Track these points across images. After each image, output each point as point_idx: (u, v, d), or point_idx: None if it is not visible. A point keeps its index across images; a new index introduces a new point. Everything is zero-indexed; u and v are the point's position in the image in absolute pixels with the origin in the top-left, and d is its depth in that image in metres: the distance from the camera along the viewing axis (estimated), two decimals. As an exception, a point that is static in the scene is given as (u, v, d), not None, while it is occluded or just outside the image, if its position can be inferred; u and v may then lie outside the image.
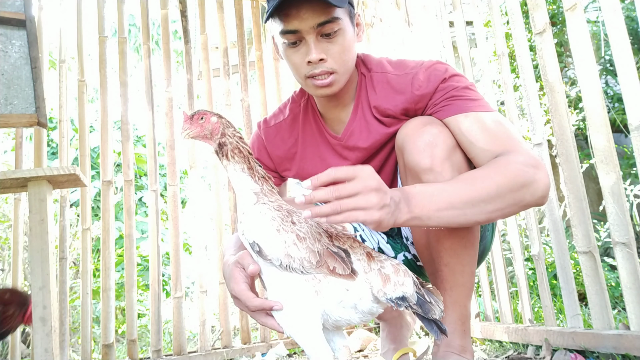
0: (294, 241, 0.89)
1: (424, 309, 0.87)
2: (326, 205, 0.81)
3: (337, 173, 0.82)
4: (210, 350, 2.08)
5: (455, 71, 1.17)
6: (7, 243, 3.15)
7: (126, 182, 2.20)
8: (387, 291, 0.88)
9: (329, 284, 0.88)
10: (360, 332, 2.08)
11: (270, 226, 0.91)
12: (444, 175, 1.04)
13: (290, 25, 1.11)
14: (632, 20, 3.15)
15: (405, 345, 1.49)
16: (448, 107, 1.11)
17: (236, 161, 0.98)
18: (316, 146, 1.31)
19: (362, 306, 0.90)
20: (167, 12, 2.38)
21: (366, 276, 0.89)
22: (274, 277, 0.93)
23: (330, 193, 0.81)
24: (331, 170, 0.82)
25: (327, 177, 0.82)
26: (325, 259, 0.88)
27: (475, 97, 1.12)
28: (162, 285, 2.52)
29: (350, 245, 0.92)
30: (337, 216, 0.81)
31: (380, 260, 0.91)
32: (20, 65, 1.53)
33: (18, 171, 1.36)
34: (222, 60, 2.42)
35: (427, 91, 1.14)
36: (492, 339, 1.82)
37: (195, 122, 1.00)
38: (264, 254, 0.91)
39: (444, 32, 2.18)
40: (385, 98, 1.20)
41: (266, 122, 1.39)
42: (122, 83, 2.26)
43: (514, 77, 3.00)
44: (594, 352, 1.35)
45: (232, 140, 0.99)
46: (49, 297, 1.31)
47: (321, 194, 0.81)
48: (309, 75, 1.15)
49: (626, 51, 1.27)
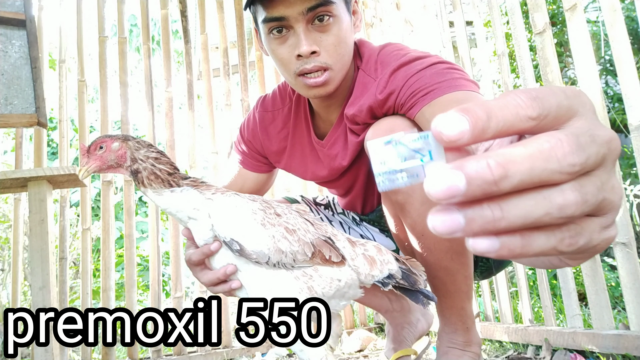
0: (283, 234, 0.82)
1: (409, 281, 0.87)
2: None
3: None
4: (210, 351, 2.08)
5: (421, 54, 1.02)
6: (7, 243, 3.15)
7: (126, 182, 2.20)
8: (375, 273, 0.86)
9: (320, 278, 0.84)
10: (360, 332, 2.08)
11: (253, 220, 0.82)
12: (415, 196, 0.94)
13: (275, 11, 0.96)
14: (632, 20, 3.15)
15: (406, 345, 1.49)
16: (414, 104, 0.97)
17: (154, 187, 0.86)
18: (302, 146, 1.23)
19: (349, 294, 0.88)
20: (167, 12, 2.38)
21: (353, 262, 0.86)
22: (257, 276, 0.84)
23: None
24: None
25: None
26: (319, 248, 0.83)
27: (439, 79, 0.94)
28: (162, 285, 2.52)
29: (332, 233, 0.88)
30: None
31: (362, 243, 0.89)
32: (20, 65, 1.53)
33: (18, 171, 1.36)
34: (222, 60, 2.41)
35: (392, 89, 1.00)
36: (492, 339, 1.82)
37: (92, 154, 0.87)
38: (246, 252, 0.81)
39: (444, 32, 2.17)
40: (352, 103, 1.07)
41: (264, 105, 1.26)
42: (122, 83, 2.26)
43: (514, 77, 3.00)
44: (594, 352, 1.35)
45: (146, 164, 0.85)
46: (49, 297, 1.31)
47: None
48: (300, 72, 1.00)
49: (626, 51, 1.27)
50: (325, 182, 1.30)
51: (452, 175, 0.27)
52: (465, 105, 0.29)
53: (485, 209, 0.28)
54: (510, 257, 0.30)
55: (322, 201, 1.45)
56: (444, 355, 1.10)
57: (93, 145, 0.87)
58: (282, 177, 2.35)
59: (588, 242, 0.30)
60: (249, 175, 1.33)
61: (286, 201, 1.43)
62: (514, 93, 0.30)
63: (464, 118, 0.28)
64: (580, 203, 0.28)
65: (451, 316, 1.09)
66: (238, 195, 0.87)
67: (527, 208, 0.28)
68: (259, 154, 1.30)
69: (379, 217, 1.31)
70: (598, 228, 0.31)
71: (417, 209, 0.95)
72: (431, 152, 0.30)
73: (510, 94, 0.30)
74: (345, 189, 1.29)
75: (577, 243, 0.30)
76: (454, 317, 1.09)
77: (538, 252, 0.29)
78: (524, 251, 0.29)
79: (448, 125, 0.28)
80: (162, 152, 0.89)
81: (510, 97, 0.30)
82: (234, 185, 1.35)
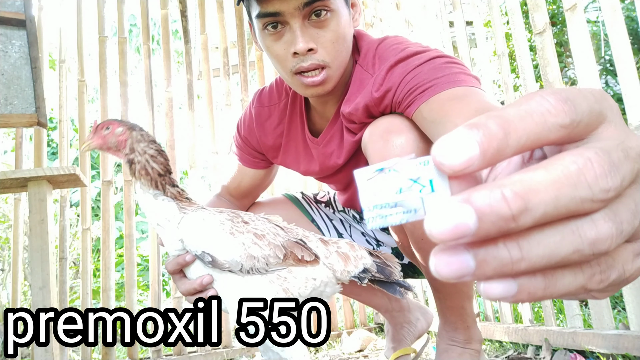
0: (253, 240, 0.83)
1: (385, 273, 0.89)
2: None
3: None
4: (210, 351, 2.08)
5: (419, 48, 0.97)
6: (7, 243, 3.15)
7: (126, 182, 2.20)
8: (350, 269, 0.88)
9: (295, 279, 0.85)
10: (360, 332, 2.08)
11: (221, 230, 0.83)
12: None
13: (269, 6, 0.91)
14: (632, 20, 3.14)
15: (405, 345, 1.49)
16: (412, 103, 0.93)
17: (142, 183, 0.89)
18: (296, 143, 1.21)
19: (327, 292, 0.90)
20: (167, 12, 2.38)
21: (327, 260, 0.88)
22: (232, 284, 0.85)
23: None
24: None
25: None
26: (290, 250, 0.85)
27: (437, 74, 0.90)
28: (162, 285, 2.52)
29: (303, 235, 0.91)
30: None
31: (335, 242, 0.91)
32: (20, 65, 1.53)
33: (18, 171, 1.36)
34: (222, 60, 2.41)
35: (389, 86, 0.96)
36: (492, 339, 1.82)
37: (98, 132, 0.91)
38: (218, 263, 0.83)
39: (444, 32, 2.17)
40: (348, 100, 1.04)
41: (261, 100, 1.24)
42: (122, 83, 2.26)
43: (514, 77, 3.00)
44: (594, 352, 1.35)
45: (141, 158, 0.88)
46: (49, 297, 1.31)
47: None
48: (296, 70, 0.96)
49: (626, 51, 1.27)
50: (322, 178, 1.29)
51: (459, 211, 0.22)
52: (474, 121, 0.24)
53: (500, 248, 0.22)
54: (530, 301, 0.25)
55: (322, 198, 1.44)
56: (444, 353, 1.10)
57: (101, 125, 0.91)
58: (282, 175, 2.35)
59: (621, 274, 0.25)
60: (247, 171, 1.32)
61: (286, 199, 1.43)
62: (540, 95, 0.25)
63: (471, 140, 0.23)
64: (615, 235, 0.23)
65: (451, 315, 1.09)
66: (206, 210, 0.89)
67: (551, 246, 0.23)
68: (255, 151, 1.28)
69: None
70: (631, 256, 0.26)
71: None
72: (432, 182, 0.25)
73: (535, 96, 0.25)
74: (344, 184, 1.28)
75: (609, 278, 0.25)
76: (454, 316, 1.09)
77: (564, 293, 0.24)
78: (546, 293, 0.24)
79: (451, 153, 0.23)
80: (160, 152, 0.90)
81: (536, 101, 0.24)
82: (233, 182, 1.34)
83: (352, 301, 2.33)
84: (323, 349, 2.07)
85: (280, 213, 1.06)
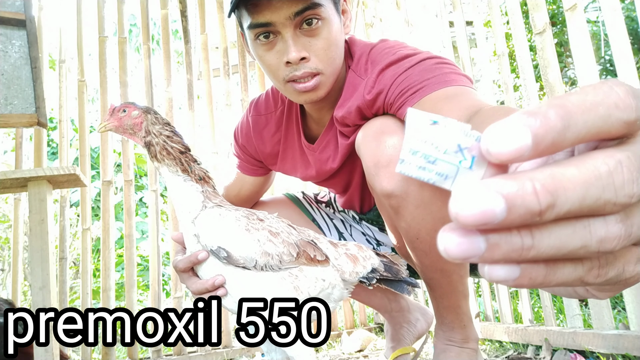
0: (268, 237, 0.84)
1: (392, 272, 0.90)
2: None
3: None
4: (210, 351, 2.08)
5: (410, 51, 0.99)
6: (7, 243, 3.15)
7: (126, 182, 2.20)
8: (359, 270, 0.89)
9: (306, 277, 0.86)
10: (361, 332, 2.08)
11: (237, 227, 0.84)
12: (409, 200, 0.91)
13: (260, 16, 0.91)
14: (632, 20, 3.14)
15: (405, 344, 1.49)
16: (403, 104, 0.94)
17: (167, 164, 0.89)
18: (293, 150, 1.22)
19: (334, 295, 0.90)
20: (167, 12, 2.38)
21: (337, 262, 0.89)
22: (244, 281, 0.86)
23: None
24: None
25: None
26: (303, 248, 0.86)
27: (427, 75, 0.91)
28: (162, 285, 2.52)
29: (314, 236, 0.92)
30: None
31: (343, 244, 0.92)
32: (20, 65, 1.53)
33: (18, 171, 1.36)
34: (222, 60, 2.41)
35: (380, 88, 0.97)
36: (492, 339, 1.82)
37: (115, 114, 0.91)
38: (234, 259, 0.83)
39: (443, 32, 2.17)
40: (341, 105, 1.04)
41: (257, 108, 1.24)
42: (122, 83, 2.26)
43: (514, 77, 3.00)
44: (594, 352, 1.35)
45: (159, 140, 0.88)
46: (49, 297, 1.31)
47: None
48: (289, 79, 0.97)
49: (626, 51, 1.27)
50: (320, 182, 1.30)
51: (489, 198, 0.21)
52: (534, 108, 0.22)
53: (514, 235, 0.23)
54: (529, 287, 0.25)
55: (323, 198, 1.45)
56: (442, 353, 1.10)
57: (118, 107, 0.91)
58: (282, 175, 2.34)
59: (620, 274, 0.26)
60: (246, 179, 1.34)
61: (287, 198, 1.43)
62: (609, 86, 0.23)
63: (525, 129, 0.21)
64: (623, 237, 0.24)
65: (448, 315, 1.09)
66: (222, 206, 0.89)
67: (562, 238, 0.23)
68: (253, 158, 1.30)
69: (377, 215, 1.31)
70: (634, 259, 0.26)
71: (412, 213, 0.94)
72: (474, 159, 0.24)
73: (603, 86, 0.23)
74: (342, 187, 1.29)
75: (606, 274, 0.25)
76: (451, 315, 1.09)
77: (561, 282, 0.25)
78: (546, 281, 0.24)
79: (500, 142, 0.21)
80: (176, 133, 0.92)
81: (603, 92, 0.23)
82: (232, 189, 1.36)
83: (352, 301, 2.33)
84: (323, 349, 2.07)
85: (281, 212, 1.07)
